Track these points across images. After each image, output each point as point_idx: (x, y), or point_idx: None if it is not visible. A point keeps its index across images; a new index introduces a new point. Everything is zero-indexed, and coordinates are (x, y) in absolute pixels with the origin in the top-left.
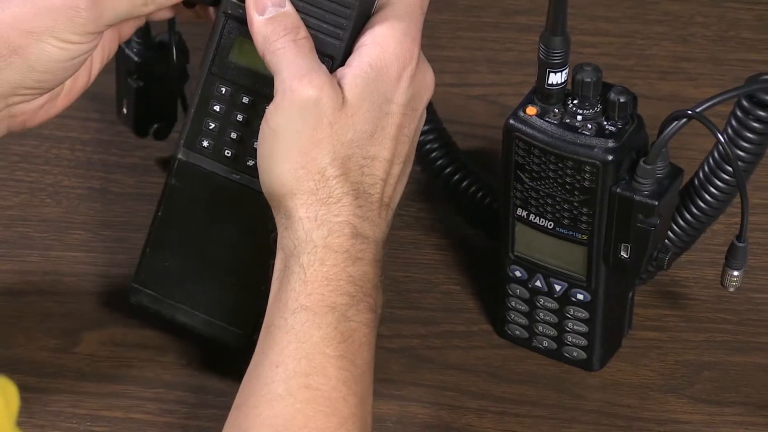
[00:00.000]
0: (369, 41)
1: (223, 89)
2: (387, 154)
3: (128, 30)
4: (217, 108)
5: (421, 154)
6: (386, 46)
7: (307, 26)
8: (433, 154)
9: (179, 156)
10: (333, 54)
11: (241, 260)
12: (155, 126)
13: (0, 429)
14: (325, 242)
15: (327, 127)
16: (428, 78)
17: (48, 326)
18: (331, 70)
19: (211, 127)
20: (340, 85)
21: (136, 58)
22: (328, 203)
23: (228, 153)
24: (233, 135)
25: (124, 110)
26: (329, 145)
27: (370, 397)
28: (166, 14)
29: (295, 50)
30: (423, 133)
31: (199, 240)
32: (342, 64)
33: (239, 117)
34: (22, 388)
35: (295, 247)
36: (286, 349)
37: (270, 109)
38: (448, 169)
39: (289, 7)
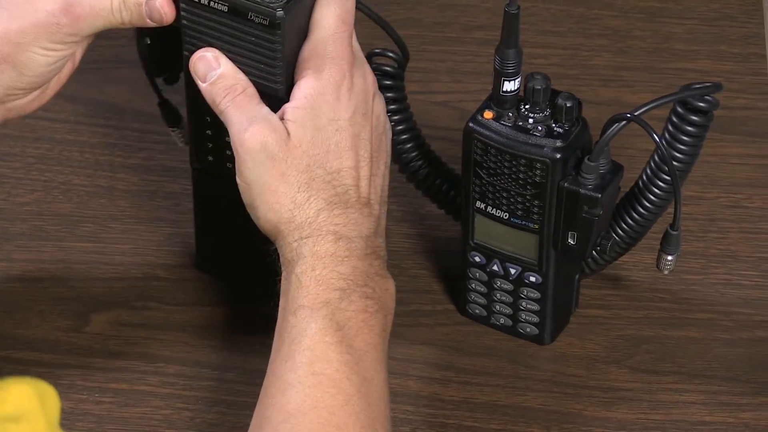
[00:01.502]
0: (303, 74)
1: (208, 119)
2: (350, 162)
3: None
4: (209, 132)
5: (399, 158)
6: (318, 75)
7: (249, 75)
8: (412, 162)
9: (195, 166)
10: (277, 94)
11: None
12: (165, 75)
13: (33, 429)
14: (312, 252)
15: (282, 163)
16: (368, 79)
17: (61, 309)
18: (280, 105)
19: (210, 147)
20: (284, 119)
21: None
22: (308, 223)
23: (229, 165)
24: (228, 152)
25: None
26: (290, 176)
27: (379, 374)
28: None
29: (234, 108)
30: (401, 141)
31: (229, 223)
32: (288, 97)
33: (227, 138)
34: (38, 364)
35: (290, 262)
36: (292, 344)
37: (236, 166)
38: (423, 170)
39: (224, 67)
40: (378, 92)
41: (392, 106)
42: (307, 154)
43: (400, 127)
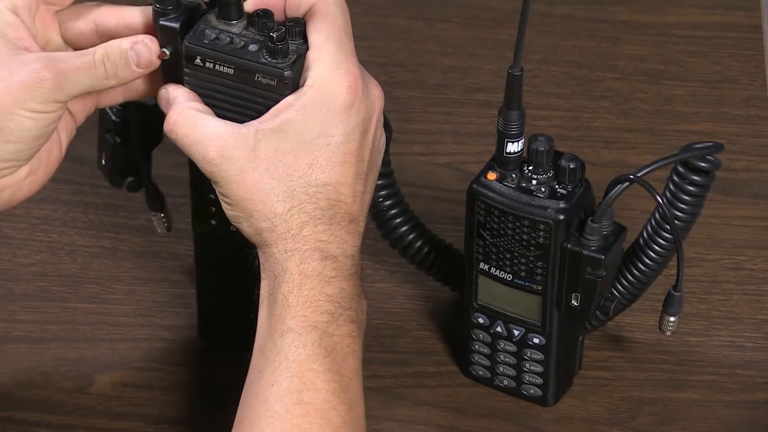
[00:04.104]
0: (307, 83)
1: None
2: (340, 178)
3: (91, 106)
4: (212, 196)
5: (389, 234)
6: (315, 87)
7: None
8: (402, 237)
9: (198, 231)
10: None
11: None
12: (129, 179)
13: None
14: (299, 270)
15: (252, 172)
16: (372, 95)
17: (65, 370)
18: None
19: (213, 211)
20: (257, 129)
21: (114, 118)
22: (292, 235)
23: (233, 228)
24: None
25: (103, 161)
26: (264, 184)
27: (361, 401)
28: (118, 98)
29: (193, 133)
30: (389, 217)
31: (230, 284)
32: None
33: None
34: (42, 425)
35: (276, 277)
36: (278, 369)
37: (212, 183)
38: (416, 244)
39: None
40: (381, 108)
41: (379, 182)
42: (284, 164)
43: (388, 203)
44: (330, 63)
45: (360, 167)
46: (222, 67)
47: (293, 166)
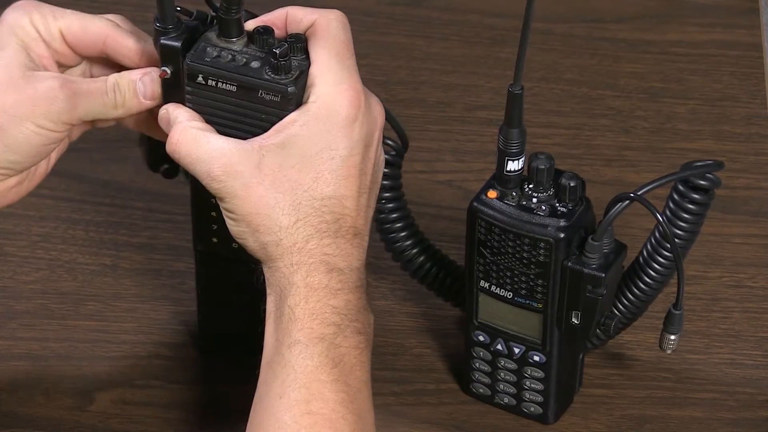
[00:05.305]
0: (311, 100)
1: (213, 200)
2: (344, 191)
3: (78, 132)
4: (214, 214)
5: (392, 247)
6: (319, 103)
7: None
8: (406, 251)
9: (199, 249)
10: None
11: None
12: (165, 166)
13: None
14: (305, 282)
15: (257, 186)
16: (375, 113)
17: (65, 387)
18: None
19: (215, 228)
20: (261, 144)
21: None
22: (297, 248)
23: (234, 245)
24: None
25: (142, 148)
26: (270, 198)
27: (370, 412)
28: (129, 124)
29: (196, 150)
30: (395, 230)
31: (231, 301)
32: None
33: None
34: None
35: (282, 291)
36: (286, 380)
37: (216, 199)
38: (420, 259)
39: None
40: (383, 124)
41: (387, 194)
42: (288, 178)
43: (394, 215)
44: (333, 79)
45: (363, 181)
46: (225, 84)
47: (298, 180)
